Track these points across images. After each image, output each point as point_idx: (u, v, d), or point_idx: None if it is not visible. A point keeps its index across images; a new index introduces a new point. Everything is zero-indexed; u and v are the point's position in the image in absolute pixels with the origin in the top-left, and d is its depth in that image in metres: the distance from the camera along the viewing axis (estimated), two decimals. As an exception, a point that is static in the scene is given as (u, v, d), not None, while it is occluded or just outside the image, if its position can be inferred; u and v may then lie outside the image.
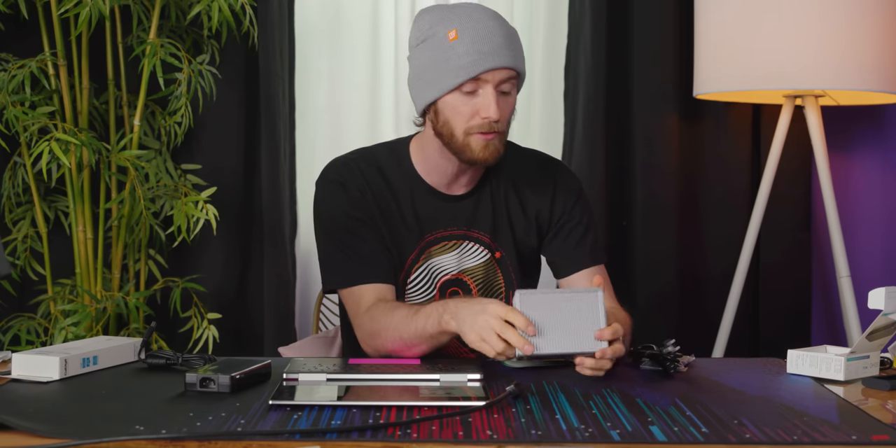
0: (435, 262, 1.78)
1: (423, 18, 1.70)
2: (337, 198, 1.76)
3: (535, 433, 1.18)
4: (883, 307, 1.49)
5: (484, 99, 1.64)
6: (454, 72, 1.63)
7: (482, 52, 1.62)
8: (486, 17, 1.65)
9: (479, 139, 1.66)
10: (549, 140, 2.85)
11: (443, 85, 1.65)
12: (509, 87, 1.67)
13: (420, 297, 1.79)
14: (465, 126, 1.66)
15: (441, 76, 1.65)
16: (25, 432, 1.17)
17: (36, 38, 2.56)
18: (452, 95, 1.65)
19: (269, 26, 2.64)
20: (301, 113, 2.79)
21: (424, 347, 1.60)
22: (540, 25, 2.86)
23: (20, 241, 2.60)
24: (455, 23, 1.64)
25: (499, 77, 1.64)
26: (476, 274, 1.80)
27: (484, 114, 1.64)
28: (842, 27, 2.35)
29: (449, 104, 1.66)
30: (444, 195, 1.79)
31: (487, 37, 1.62)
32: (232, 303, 2.74)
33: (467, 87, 1.64)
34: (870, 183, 2.78)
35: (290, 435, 1.17)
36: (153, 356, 1.58)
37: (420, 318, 1.57)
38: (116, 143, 2.50)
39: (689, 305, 2.84)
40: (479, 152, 1.67)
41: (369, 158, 1.80)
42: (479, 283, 1.80)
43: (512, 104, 1.69)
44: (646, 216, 2.81)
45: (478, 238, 1.79)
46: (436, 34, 1.66)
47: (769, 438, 1.17)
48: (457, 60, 1.62)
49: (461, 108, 1.65)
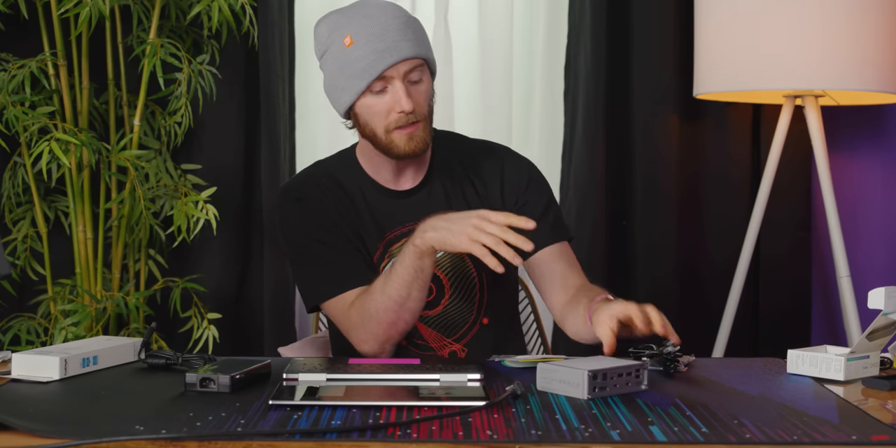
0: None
1: (320, 29, 1.74)
2: (299, 214, 1.79)
3: (535, 433, 1.18)
4: (883, 307, 1.49)
5: (393, 94, 1.68)
6: (358, 75, 1.67)
7: (378, 51, 1.65)
8: (378, 13, 1.68)
9: (400, 134, 1.70)
10: (549, 140, 2.85)
11: (352, 90, 1.69)
12: (418, 76, 1.70)
13: None
14: (383, 124, 1.70)
15: (349, 82, 1.69)
16: (25, 432, 1.17)
17: (36, 38, 2.56)
18: (364, 98, 1.70)
19: (269, 26, 2.64)
20: (301, 113, 2.79)
21: (415, 292, 1.61)
22: (540, 25, 2.86)
23: (20, 241, 2.60)
24: (348, 27, 1.68)
25: (403, 69, 1.67)
26: (444, 264, 1.80)
27: (398, 108, 1.68)
28: (842, 27, 2.35)
29: (364, 106, 1.70)
30: (395, 192, 1.81)
31: (380, 34, 1.66)
32: (232, 303, 2.74)
33: (375, 86, 1.68)
34: (870, 183, 2.78)
35: (290, 435, 1.16)
36: (153, 356, 1.58)
37: (395, 265, 1.61)
38: (116, 143, 2.50)
39: (690, 305, 2.84)
40: (404, 147, 1.70)
41: (321, 170, 1.85)
42: (448, 274, 1.80)
43: (425, 91, 1.72)
44: (646, 216, 2.81)
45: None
46: (334, 42, 1.70)
47: (769, 438, 1.17)
48: (357, 64, 1.66)
49: (375, 107, 1.69)
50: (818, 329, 2.90)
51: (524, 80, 2.88)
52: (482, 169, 1.85)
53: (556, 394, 1.39)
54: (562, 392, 1.38)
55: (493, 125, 2.86)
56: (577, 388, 1.36)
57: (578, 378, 1.36)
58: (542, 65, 2.86)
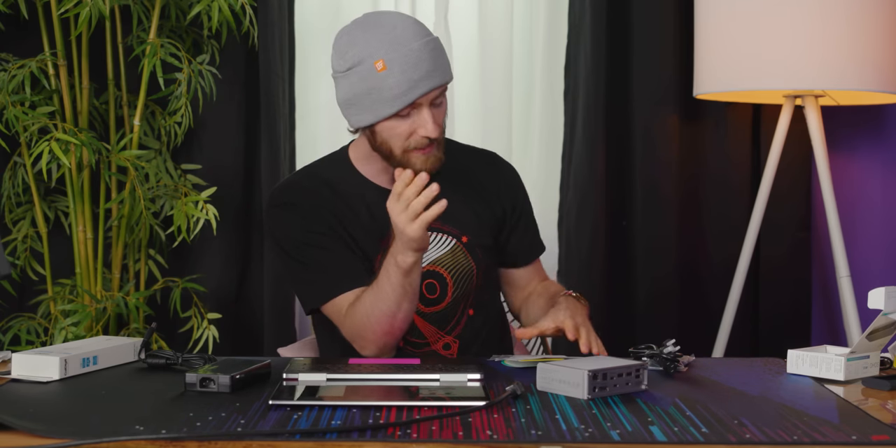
0: None
1: (344, 45, 1.70)
2: (289, 219, 1.78)
3: (535, 433, 1.18)
4: (883, 307, 1.49)
5: (419, 119, 1.68)
6: (389, 102, 1.66)
7: (413, 80, 1.65)
8: (409, 39, 1.66)
9: (418, 155, 1.71)
10: (549, 140, 2.85)
11: (378, 113, 1.68)
12: (440, 100, 1.72)
13: None
14: (402, 145, 1.71)
15: (376, 105, 1.67)
16: (25, 432, 1.17)
17: (36, 38, 2.56)
18: (388, 121, 1.69)
19: (269, 26, 2.64)
20: (301, 113, 2.79)
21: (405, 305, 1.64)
22: (540, 25, 2.86)
23: (20, 241, 2.60)
24: (379, 52, 1.65)
25: (431, 96, 1.69)
26: (446, 262, 1.81)
27: (423, 133, 1.69)
28: (842, 27, 2.35)
29: (386, 128, 1.70)
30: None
31: (415, 63, 1.65)
32: (232, 303, 2.74)
33: (403, 111, 1.68)
34: (870, 183, 2.78)
35: (290, 435, 1.17)
36: (153, 356, 1.58)
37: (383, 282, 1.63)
38: (116, 143, 2.50)
39: (690, 305, 2.84)
40: (420, 165, 1.71)
41: (311, 175, 1.85)
42: (451, 271, 1.81)
43: (443, 114, 1.74)
44: (646, 216, 2.81)
45: (438, 228, 1.81)
46: (362, 63, 1.66)
47: (769, 438, 1.17)
48: (390, 91, 1.65)
49: (398, 129, 1.69)
50: (818, 329, 2.90)
51: (524, 80, 2.88)
52: (481, 173, 1.89)
53: (556, 394, 1.39)
54: (562, 392, 1.39)
55: (493, 125, 2.86)
56: (577, 388, 1.36)
57: (578, 378, 1.36)
58: (542, 65, 2.86)
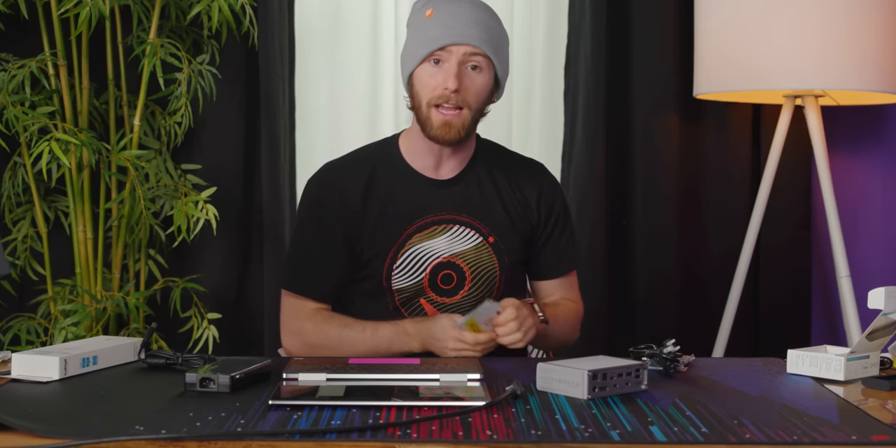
0: (425, 246, 1.82)
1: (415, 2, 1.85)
2: (317, 202, 1.86)
3: (535, 433, 1.18)
4: (883, 307, 1.49)
5: (446, 70, 1.74)
6: (424, 44, 1.75)
7: (448, 27, 1.74)
8: (468, 3, 1.78)
9: (438, 114, 1.76)
10: (549, 140, 2.85)
11: (415, 57, 1.77)
12: (478, 66, 1.76)
13: (406, 280, 1.83)
14: (428, 97, 1.76)
15: (415, 49, 1.77)
16: (25, 432, 1.17)
17: (36, 38, 2.56)
18: (422, 67, 1.77)
19: (269, 26, 2.64)
20: (301, 113, 2.79)
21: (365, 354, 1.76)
22: (540, 25, 2.86)
23: (20, 241, 2.60)
24: (434, 3, 1.78)
25: (463, 51, 1.74)
26: (468, 257, 1.84)
27: (444, 84, 1.74)
28: (842, 27, 2.35)
29: (419, 76, 1.77)
30: (432, 180, 1.85)
31: (457, 15, 1.75)
32: (232, 303, 2.74)
33: (435, 56, 1.75)
34: (870, 183, 2.78)
35: (290, 435, 1.16)
36: (153, 356, 1.58)
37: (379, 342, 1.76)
38: (116, 143, 2.50)
39: (690, 305, 2.84)
40: (437, 128, 1.76)
41: (361, 156, 1.90)
42: (471, 266, 1.84)
43: (480, 83, 1.77)
44: (646, 215, 2.81)
45: (467, 222, 1.84)
46: (416, 12, 1.80)
47: (769, 438, 1.17)
48: (427, 33, 1.75)
49: (427, 80, 1.76)
50: (818, 329, 2.90)
51: (524, 80, 2.88)
52: (523, 177, 1.92)
53: (556, 394, 1.39)
54: (562, 392, 1.39)
55: (493, 125, 2.85)
56: (577, 388, 1.36)
57: (578, 378, 1.36)
58: (542, 65, 2.86)
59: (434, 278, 1.83)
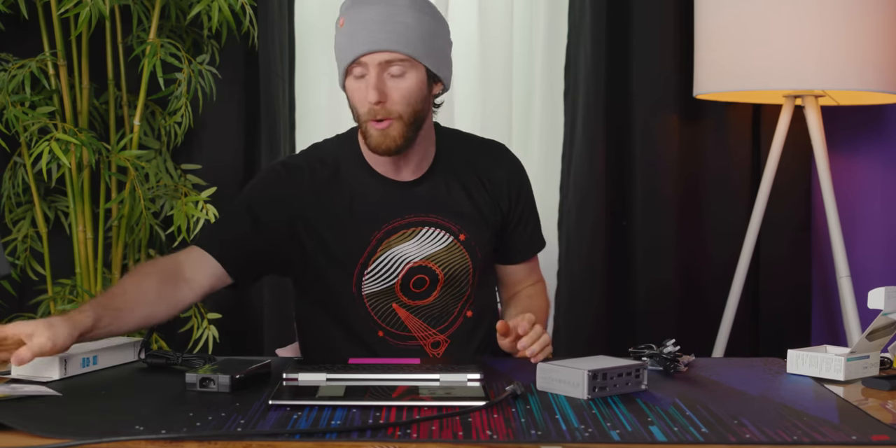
0: (396, 251, 1.77)
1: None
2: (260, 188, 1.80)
3: (535, 433, 1.18)
4: (883, 307, 1.49)
5: (367, 82, 1.67)
6: (340, 59, 1.70)
7: (356, 37, 1.65)
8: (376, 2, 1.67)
9: (372, 127, 1.69)
10: (549, 140, 2.85)
11: (338, 70, 1.72)
12: (399, 71, 1.67)
13: (379, 286, 1.78)
14: (360, 112, 1.70)
15: (337, 64, 1.72)
16: (25, 432, 1.17)
17: (36, 38, 2.56)
18: (348, 82, 1.70)
19: (269, 26, 2.64)
20: (301, 113, 2.79)
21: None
22: (540, 25, 2.86)
23: (20, 241, 2.60)
24: (347, 10, 1.70)
25: (378, 60, 1.66)
26: (440, 258, 1.80)
27: (367, 98, 1.66)
28: (842, 27, 2.35)
29: (349, 91, 1.72)
30: (396, 182, 1.80)
31: (364, 21, 1.65)
32: (232, 303, 2.74)
33: (355, 71, 1.68)
34: (870, 183, 2.78)
35: (290, 435, 1.16)
36: (153, 356, 1.58)
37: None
38: (116, 143, 2.50)
39: (690, 305, 2.84)
40: (374, 140, 1.69)
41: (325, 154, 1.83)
42: (444, 267, 1.80)
43: (406, 88, 1.68)
44: (646, 216, 2.81)
45: (436, 222, 1.79)
46: (336, 21, 1.72)
47: (769, 438, 1.17)
48: (340, 46, 1.69)
49: (355, 93, 1.70)
50: (818, 329, 2.90)
51: (524, 80, 2.88)
52: (488, 166, 1.86)
53: (556, 394, 1.39)
54: (562, 392, 1.39)
55: (493, 125, 2.86)
56: (577, 388, 1.36)
57: (578, 378, 1.36)
58: (542, 65, 2.86)
59: (406, 283, 1.78)
